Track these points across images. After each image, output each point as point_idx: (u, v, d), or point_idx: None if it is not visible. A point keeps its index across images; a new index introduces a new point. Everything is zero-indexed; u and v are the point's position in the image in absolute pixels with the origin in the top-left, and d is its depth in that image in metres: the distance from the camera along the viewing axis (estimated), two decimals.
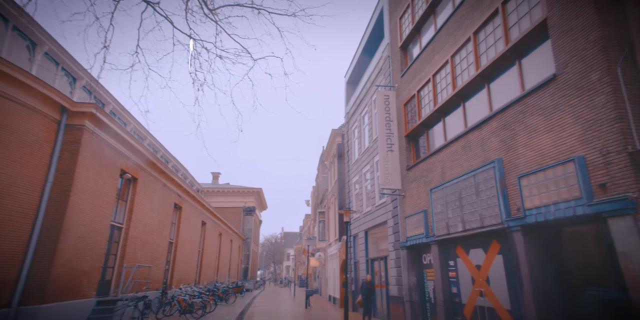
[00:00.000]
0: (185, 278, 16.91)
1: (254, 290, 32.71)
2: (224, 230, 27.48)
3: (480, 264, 7.19)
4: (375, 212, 13.39)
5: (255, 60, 5.70)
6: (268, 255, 71.57)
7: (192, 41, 5.32)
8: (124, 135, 10.36)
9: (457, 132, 8.16)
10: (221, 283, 21.36)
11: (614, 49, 4.69)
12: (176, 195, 15.44)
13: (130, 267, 11.04)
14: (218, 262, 25.29)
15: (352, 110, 17.95)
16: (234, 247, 32.74)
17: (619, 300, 4.40)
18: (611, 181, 4.40)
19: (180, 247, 15.98)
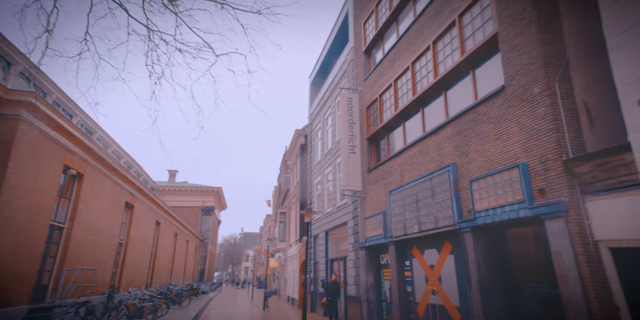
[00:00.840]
0: (136, 281, 16.01)
1: (210, 293, 31.76)
2: (180, 231, 26.40)
3: (433, 264, 7.56)
4: (336, 213, 13.57)
5: (217, 56, 5.55)
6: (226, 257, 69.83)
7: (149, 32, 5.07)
8: (69, 127, 9.61)
9: (416, 137, 8.51)
10: (175, 285, 20.48)
11: (553, 65, 5.15)
12: (128, 194, 14.58)
13: (72, 270, 10.25)
14: (172, 264, 24.24)
15: (316, 112, 18.06)
16: (190, 248, 31.56)
17: (551, 295, 4.84)
18: (548, 186, 4.83)
19: (130, 248, 15.11)
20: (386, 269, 9.64)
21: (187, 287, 23.23)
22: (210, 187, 39.88)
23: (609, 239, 4.23)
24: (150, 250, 18.85)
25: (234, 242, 69.65)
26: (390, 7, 10.40)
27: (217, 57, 5.53)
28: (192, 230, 31.65)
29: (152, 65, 5.30)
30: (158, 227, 20.01)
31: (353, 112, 11.65)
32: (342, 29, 15.02)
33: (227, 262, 71.45)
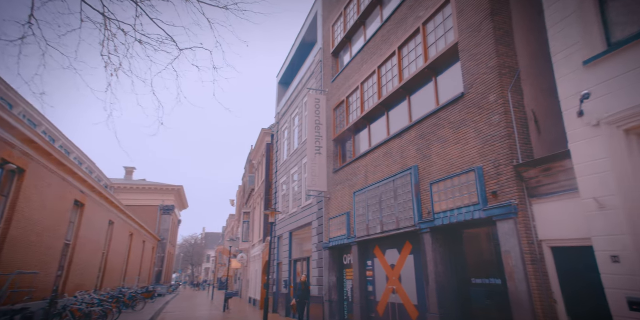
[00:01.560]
0: (84, 284, 14.99)
1: (168, 295, 30.49)
2: (136, 231, 25.10)
3: (394, 264, 7.79)
4: (300, 213, 13.56)
5: (181, 50, 5.35)
6: (186, 258, 67.32)
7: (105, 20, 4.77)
8: (7, 117, 8.80)
9: (381, 139, 8.72)
10: (129, 288, 19.42)
11: (507, 76, 5.50)
12: (78, 191, 13.63)
13: (5, 275, 9.36)
14: (127, 266, 22.97)
15: (283, 111, 17.95)
16: (147, 249, 30.11)
17: (500, 290, 5.18)
18: (500, 190, 5.16)
19: (79, 249, 14.11)
20: (349, 269, 9.79)
21: (142, 289, 22.14)
22: (170, 186, 38.31)
23: (550, 238, 4.60)
24: (102, 252, 17.75)
25: (194, 243, 67.36)
26: (358, 11, 10.58)
27: (181, 51, 5.34)
28: (150, 230, 30.22)
29: (109, 56, 5.00)
30: (112, 227, 18.90)
31: (320, 113, 11.71)
32: (310, 29, 15.06)
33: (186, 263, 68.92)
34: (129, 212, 21.50)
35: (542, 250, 4.67)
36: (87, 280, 15.47)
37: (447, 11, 6.86)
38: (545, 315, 4.40)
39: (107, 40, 4.91)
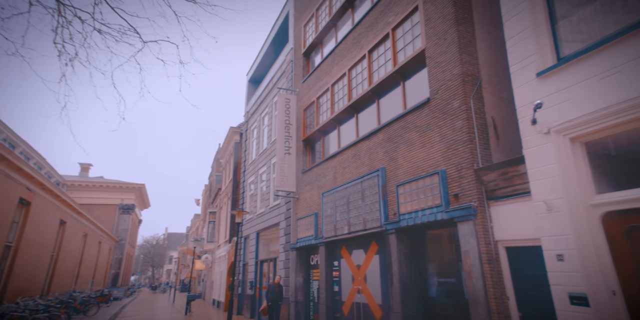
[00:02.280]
0: (29, 289, 13.92)
1: (125, 299, 29.03)
2: (92, 231, 23.70)
3: (360, 264, 7.93)
4: (268, 213, 13.45)
5: (145, 43, 5.12)
6: (147, 259, 64.43)
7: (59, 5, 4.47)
8: None
9: (350, 141, 8.84)
10: (80, 292, 18.25)
11: (470, 83, 5.78)
12: (24, 189, 12.63)
13: None
14: (79, 268, 21.61)
15: (253, 110, 17.70)
16: (103, 250, 28.52)
17: (459, 289, 5.43)
18: (462, 192, 5.41)
19: (22, 251, 13.07)
20: (315, 270, 9.83)
21: (96, 293, 20.92)
22: (130, 184, 36.51)
23: (505, 239, 4.89)
24: (51, 254, 16.58)
25: (156, 243, 64.63)
26: (330, 13, 10.65)
27: (145, 44, 5.12)
28: (107, 231, 28.64)
29: (63, 44, 4.69)
30: (63, 227, 17.70)
31: (290, 113, 11.67)
32: (282, 28, 14.96)
33: (147, 264, 65.94)
34: (84, 211, 20.25)
35: (498, 250, 4.96)
36: (33, 285, 14.39)
37: (415, 18, 7.08)
38: (499, 312, 4.68)
39: (61, 28, 4.60)
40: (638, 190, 3.54)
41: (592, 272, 3.69)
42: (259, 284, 13.92)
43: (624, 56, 3.71)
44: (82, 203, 25.09)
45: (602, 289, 3.61)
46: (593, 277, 3.67)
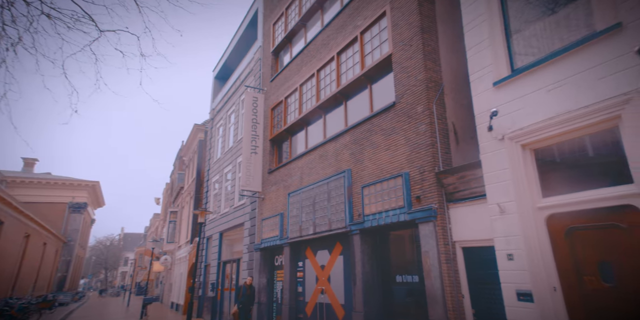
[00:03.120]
0: None
1: (73, 304, 27.16)
2: (35, 231, 21.94)
3: (324, 264, 7.98)
4: (232, 213, 13.18)
5: (101, 32, 4.83)
6: (99, 261, 60.62)
7: None
8: None
9: (317, 142, 8.88)
10: (18, 299, 16.79)
11: (433, 89, 6.01)
12: None
13: None
14: (18, 272, 19.90)
15: (219, 107, 17.25)
16: (48, 252, 26.52)
17: (419, 288, 5.63)
18: (423, 194, 5.61)
19: None
20: (280, 270, 9.78)
21: (38, 299, 19.36)
22: (83, 181, 34.22)
23: (462, 239, 5.14)
24: None
25: (110, 244, 61.05)
26: (299, 13, 10.63)
27: (102, 33, 4.82)
28: (54, 231, 26.64)
29: (3, 27, 4.31)
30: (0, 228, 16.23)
31: (258, 112, 11.51)
32: (251, 25, 14.71)
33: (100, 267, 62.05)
34: (27, 210, 18.70)
35: (455, 250, 5.20)
36: None
37: (383, 23, 7.25)
38: (455, 309, 4.91)
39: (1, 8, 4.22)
40: (576, 195, 3.86)
41: (537, 270, 3.98)
42: (220, 286, 13.61)
43: (568, 71, 4.03)
44: (25, 201, 23.16)
45: (545, 285, 3.90)
46: (537, 275, 3.96)
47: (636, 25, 3.55)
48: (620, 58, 3.62)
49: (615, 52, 3.67)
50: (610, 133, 3.73)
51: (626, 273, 3.43)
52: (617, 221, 3.55)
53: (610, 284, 3.53)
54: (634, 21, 3.57)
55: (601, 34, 3.78)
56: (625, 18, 3.64)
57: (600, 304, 3.58)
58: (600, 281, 3.60)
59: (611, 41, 3.72)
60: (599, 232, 3.67)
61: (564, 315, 3.77)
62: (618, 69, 3.62)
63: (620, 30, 3.66)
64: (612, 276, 3.53)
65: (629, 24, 3.61)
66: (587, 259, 3.73)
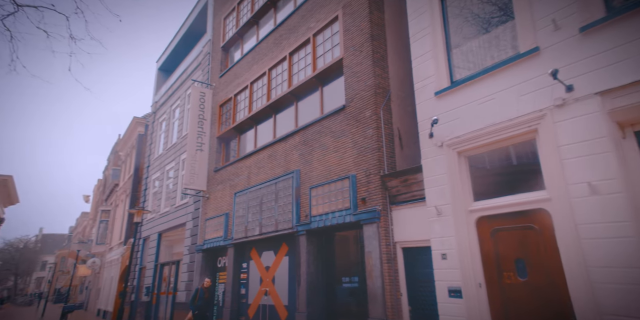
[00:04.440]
0: None
1: None
2: None
3: (269, 265, 7.90)
4: (174, 213, 12.48)
5: (19, 6, 4.29)
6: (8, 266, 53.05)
7: None
8: None
9: (267, 141, 8.76)
10: None
11: (381, 95, 6.26)
12: None
13: None
14: None
15: (162, 101, 16.24)
16: None
17: (361, 287, 5.83)
18: (369, 196, 5.81)
19: None
20: (222, 272, 9.48)
21: None
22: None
23: (403, 240, 5.42)
24: None
25: (24, 247, 53.98)
26: (252, 9, 10.42)
27: (19, 8, 4.28)
28: None
29: None
30: None
31: (205, 108, 11.04)
32: (200, 18, 14.07)
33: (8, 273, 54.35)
34: None
35: (396, 250, 5.47)
36: None
37: (335, 27, 7.38)
38: (393, 307, 5.16)
39: None
40: (501, 199, 4.28)
41: (466, 268, 4.34)
42: (156, 290, 12.80)
43: (497, 86, 4.45)
44: None
45: (472, 282, 4.27)
46: (466, 273, 4.32)
47: (551, 50, 4.04)
48: (538, 78, 4.09)
49: (534, 73, 4.13)
50: (529, 144, 4.20)
51: (537, 269, 3.89)
52: (531, 223, 4.01)
53: (524, 279, 3.97)
54: (549, 46, 4.06)
55: (523, 55, 4.24)
56: (542, 43, 4.12)
57: (515, 296, 4.01)
58: (516, 276, 4.04)
59: (531, 63, 4.18)
60: (517, 233, 4.11)
61: (486, 308, 4.16)
62: (536, 88, 4.09)
63: (538, 53, 4.14)
64: (526, 271, 3.97)
65: (545, 49, 4.09)
66: (507, 256, 4.15)
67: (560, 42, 3.99)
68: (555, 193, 3.75)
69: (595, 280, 3.37)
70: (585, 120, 3.67)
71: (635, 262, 3.18)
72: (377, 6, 6.80)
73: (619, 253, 3.27)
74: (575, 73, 3.81)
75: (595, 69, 3.68)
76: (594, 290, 3.36)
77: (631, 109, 3.41)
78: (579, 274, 3.46)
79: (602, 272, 3.34)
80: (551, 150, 3.85)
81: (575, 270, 3.49)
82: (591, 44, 3.75)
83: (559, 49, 3.98)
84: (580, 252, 3.48)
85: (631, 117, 3.45)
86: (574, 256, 3.51)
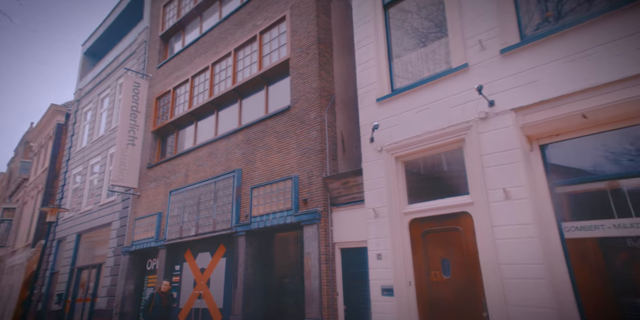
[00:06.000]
0: None
1: None
2: None
3: (205, 267, 7.52)
4: (98, 211, 11.30)
5: None
6: None
7: None
8: None
9: (208, 138, 8.35)
10: None
11: (326, 98, 6.33)
12: None
13: None
14: None
15: (89, 89, 14.59)
16: None
17: (299, 288, 5.82)
18: (310, 198, 5.83)
19: None
20: (152, 275, 8.80)
21: None
22: None
23: (341, 241, 5.55)
24: None
25: None
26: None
27: None
28: None
29: None
30: None
31: (140, 100, 10.16)
32: (136, 1, 12.88)
33: None
34: None
35: (334, 251, 5.57)
36: None
37: (283, 27, 7.29)
38: (329, 307, 5.25)
39: None
40: (431, 203, 4.60)
41: (398, 268, 4.58)
42: (71, 297, 11.44)
43: (430, 97, 4.77)
44: None
45: (403, 280, 4.52)
46: (398, 272, 4.56)
47: (478, 67, 4.44)
48: (466, 92, 4.46)
49: (464, 87, 4.50)
50: (458, 152, 4.56)
51: (459, 267, 4.24)
52: (457, 225, 4.36)
53: (448, 277, 4.30)
54: (477, 64, 4.46)
55: (455, 70, 4.60)
56: (470, 60, 4.51)
57: (439, 293, 4.33)
58: (442, 274, 4.36)
59: (461, 77, 4.55)
60: (444, 234, 4.44)
61: (414, 305, 4.43)
62: (465, 101, 4.46)
63: (467, 69, 4.52)
64: (450, 270, 4.30)
65: (473, 66, 4.48)
66: (434, 256, 4.47)
67: (485, 60, 4.40)
68: (476, 198, 4.13)
69: (505, 276, 3.77)
70: (503, 133, 4.09)
71: (536, 259, 3.62)
72: (325, 10, 6.87)
73: (524, 251, 3.70)
74: (497, 90, 4.23)
75: (512, 88, 4.13)
76: (504, 285, 3.76)
77: (538, 125, 3.88)
78: (492, 271, 3.84)
79: (510, 269, 3.75)
80: (475, 159, 4.22)
81: (489, 268, 3.86)
82: (509, 65, 4.19)
83: (485, 66, 4.39)
84: (494, 251, 3.87)
85: (538, 132, 3.92)
86: (489, 255, 3.89)
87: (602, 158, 3.62)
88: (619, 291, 3.34)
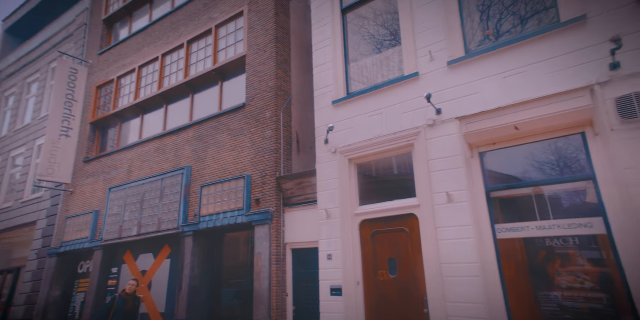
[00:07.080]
0: None
1: None
2: None
3: (146, 270, 7.06)
4: (19, 209, 10.09)
5: None
6: None
7: None
8: None
9: (155, 133, 7.86)
10: None
11: (282, 98, 6.26)
12: None
13: None
14: None
15: (11, 71, 12.93)
16: None
17: (249, 290, 5.70)
18: (263, 198, 5.72)
19: None
20: (83, 279, 8.07)
21: None
22: None
23: (293, 242, 5.53)
24: None
25: None
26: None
27: None
28: None
29: None
30: None
31: (77, 88, 9.24)
32: None
33: None
34: None
35: (286, 251, 5.53)
36: None
37: (240, 23, 7.08)
38: (278, 308, 5.21)
39: None
40: (381, 204, 4.78)
41: (348, 268, 4.70)
42: None
43: (383, 103, 4.96)
44: None
45: (352, 280, 4.63)
46: (348, 272, 4.68)
47: (428, 77, 4.69)
48: (417, 99, 4.69)
49: (414, 94, 4.73)
50: (408, 157, 4.78)
51: (405, 267, 4.46)
52: (404, 226, 4.57)
53: (394, 276, 4.49)
54: (427, 73, 4.70)
55: (406, 78, 4.82)
56: (421, 69, 4.74)
57: (386, 292, 4.52)
58: (388, 274, 4.54)
59: (412, 85, 4.79)
60: (392, 235, 4.63)
61: (361, 304, 4.57)
62: (415, 108, 4.68)
63: (418, 78, 4.75)
64: (396, 269, 4.48)
65: (424, 75, 4.71)
66: (382, 256, 4.64)
67: (435, 71, 4.65)
68: (423, 200, 4.35)
69: (445, 275, 4.04)
70: (448, 140, 4.36)
71: (472, 259, 3.92)
72: (284, 9, 6.79)
73: (462, 251, 3.99)
74: (444, 99, 4.49)
75: (457, 98, 4.41)
76: (443, 283, 4.03)
77: (478, 134, 4.19)
78: (434, 269, 4.09)
79: (450, 268, 4.02)
80: (423, 163, 4.45)
81: (432, 267, 4.11)
82: (455, 76, 4.48)
83: (434, 76, 4.64)
84: (437, 252, 4.12)
85: (478, 140, 4.25)
86: (432, 255, 4.13)
87: (529, 166, 4.02)
88: (536, 285, 3.74)
